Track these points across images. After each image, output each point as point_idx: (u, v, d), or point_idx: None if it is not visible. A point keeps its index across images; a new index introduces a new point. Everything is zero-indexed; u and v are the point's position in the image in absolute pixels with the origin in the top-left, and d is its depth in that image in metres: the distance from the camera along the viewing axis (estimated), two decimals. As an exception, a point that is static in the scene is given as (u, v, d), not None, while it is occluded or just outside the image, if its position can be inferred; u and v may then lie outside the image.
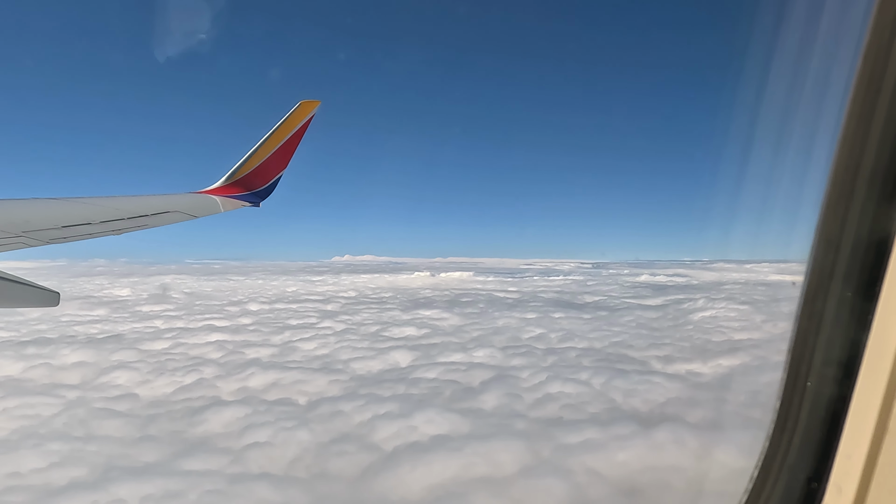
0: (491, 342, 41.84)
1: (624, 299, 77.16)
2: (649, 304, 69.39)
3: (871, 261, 1.37)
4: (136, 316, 58.45)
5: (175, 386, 29.49)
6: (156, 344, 41.31)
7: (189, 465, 17.73)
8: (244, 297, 79.41)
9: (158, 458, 18.72)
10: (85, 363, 34.50)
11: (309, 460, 18.12)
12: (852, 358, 1.41)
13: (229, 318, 56.87)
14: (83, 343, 41.69)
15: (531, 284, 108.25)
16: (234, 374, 31.47)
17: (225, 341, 42.30)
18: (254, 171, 9.60)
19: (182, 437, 21.12)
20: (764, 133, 2.18)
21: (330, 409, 24.03)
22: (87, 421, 22.96)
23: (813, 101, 1.66)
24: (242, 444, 19.62)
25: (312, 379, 30.46)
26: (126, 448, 19.77)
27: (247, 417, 22.56)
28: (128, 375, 31.29)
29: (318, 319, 55.80)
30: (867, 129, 1.35)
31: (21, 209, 6.11)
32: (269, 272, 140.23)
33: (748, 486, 1.75)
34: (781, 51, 1.92)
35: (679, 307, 65.31)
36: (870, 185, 1.36)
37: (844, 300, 1.44)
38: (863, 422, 1.35)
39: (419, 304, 70.89)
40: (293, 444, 19.54)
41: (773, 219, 2.09)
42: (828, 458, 1.49)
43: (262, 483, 15.77)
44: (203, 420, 22.96)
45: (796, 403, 1.59)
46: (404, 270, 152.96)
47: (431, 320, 55.22)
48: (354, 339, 44.11)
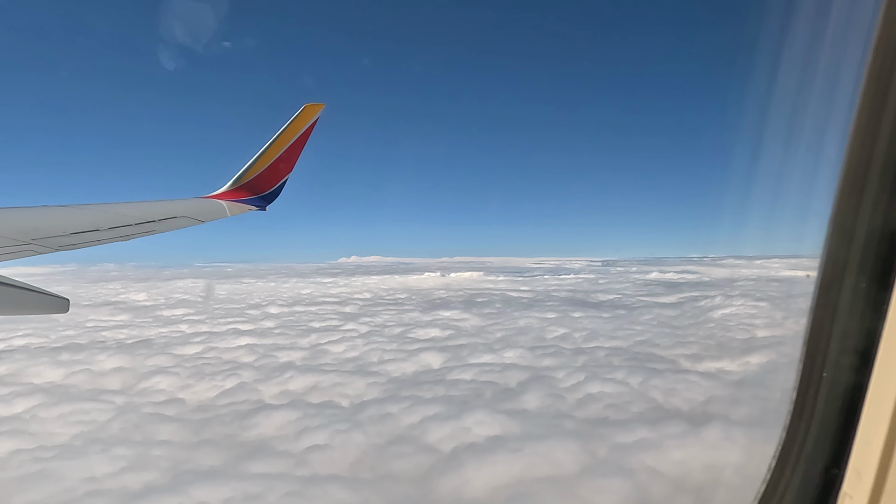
0: (517, 343, 42.30)
1: (639, 297, 77.54)
2: (665, 302, 69.77)
3: (885, 251, 1.40)
4: (159, 321, 59.00)
5: (217, 390, 30.03)
6: (187, 349, 41.87)
7: (255, 468, 18.26)
8: (261, 300, 79.97)
9: (222, 461, 19.24)
10: (123, 368, 35.07)
11: (371, 462, 18.64)
12: (868, 347, 1.43)
13: (252, 321, 57.35)
14: (114, 348, 42.30)
15: (543, 283, 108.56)
16: (272, 378, 32.01)
17: (254, 345, 42.82)
18: (259, 175, 9.70)
19: (239, 441, 21.66)
20: (772, 128, 2.20)
21: (376, 411, 24.53)
22: (141, 425, 23.52)
23: (823, 95, 1.68)
24: (302, 447, 20.13)
25: (350, 381, 30.97)
26: (188, 452, 20.29)
27: (298, 421, 23.08)
28: (169, 380, 31.85)
29: (341, 322, 56.30)
30: (878, 121, 1.36)
31: (30, 217, 6.21)
32: (281, 274, 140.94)
33: (766, 476, 1.79)
34: (790, 46, 1.94)
35: (696, 304, 65.69)
36: (882, 175, 1.38)
37: (859, 290, 1.46)
38: (880, 409, 1.37)
39: (436, 304, 71.31)
40: (351, 446, 20.05)
41: (783, 214, 2.09)
42: (846, 445, 1.51)
43: (335, 485, 16.27)
44: (254, 424, 23.49)
45: (812, 393, 1.62)
46: (413, 271, 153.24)
47: (452, 321, 55.64)
48: (381, 341, 44.60)
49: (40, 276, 9.00)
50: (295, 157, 9.75)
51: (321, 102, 9.74)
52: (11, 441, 20.87)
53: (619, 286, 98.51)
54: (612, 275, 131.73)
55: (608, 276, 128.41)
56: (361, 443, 20.43)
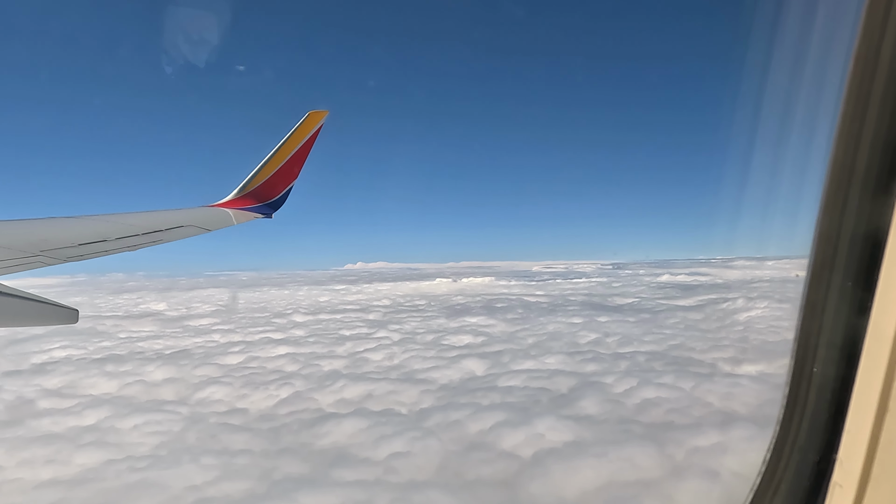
0: (552, 348, 42.90)
1: (657, 300, 77.98)
2: (685, 305, 70.22)
3: (868, 253, 1.46)
4: (189, 330, 59.60)
5: (274, 399, 30.68)
6: (229, 358, 42.52)
7: (345, 475, 18.93)
8: (282, 308, 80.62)
9: (309, 469, 19.91)
10: (174, 379, 35.72)
11: (455, 468, 19.29)
12: (854, 344, 1.50)
13: (282, 330, 58.00)
14: (158, 359, 42.99)
15: (556, 288, 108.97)
16: (324, 387, 32.66)
17: (294, 354, 43.45)
18: (265, 182, 9.68)
19: (316, 449, 22.32)
20: (775, 128, 2.23)
21: (441, 418, 25.18)
22: (215, 435, 24.18)
23: (813, 99, 1.74)
24: (383, 455, 20.79)
25: (402, 389, 31.62)
26: (271, 460, 20.95)
27: (370, 429, 23.74)
28: (223, 391, 32.49)
29: (369, 329, 56.89)
30: (860, 128, 1.41)
31: (38, 229, 6.26)
32: (293, 282, 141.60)
33: (761, 469, 1.86)
34: (785, 55, 2.00)
35: (717, 307, 66.35)
36: (864, 181, 1.44)
37: (845, 290, 1.53)
38: (866, 402, 1.43)
39: (458, 311, 71.86)
40: (431, 453, 20.71)
41: (799, 216, 2.03)
42: (836, 437, 1.58)
43: (433, 490, 16.93)
44: (325, 432, 24.15)
45: (804, 389, 1.69)
46: (423, 277, 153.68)
47: (480, 327, 56.19)
48: (417, 348, 45.19)
49: (51, 288, 9.30)
50: (300, 164, 9.75)
51: (325, 109, 9.76)
52: (100, 452, 21.55)
53: (633, 289, 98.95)
54: (622, 278, 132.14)
55: (619, 279, 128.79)
56: (439, 449, 21.08)
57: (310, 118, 9.57)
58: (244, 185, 9.70)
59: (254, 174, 9.70)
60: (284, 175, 9.69)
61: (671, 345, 42.95)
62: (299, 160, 9.68)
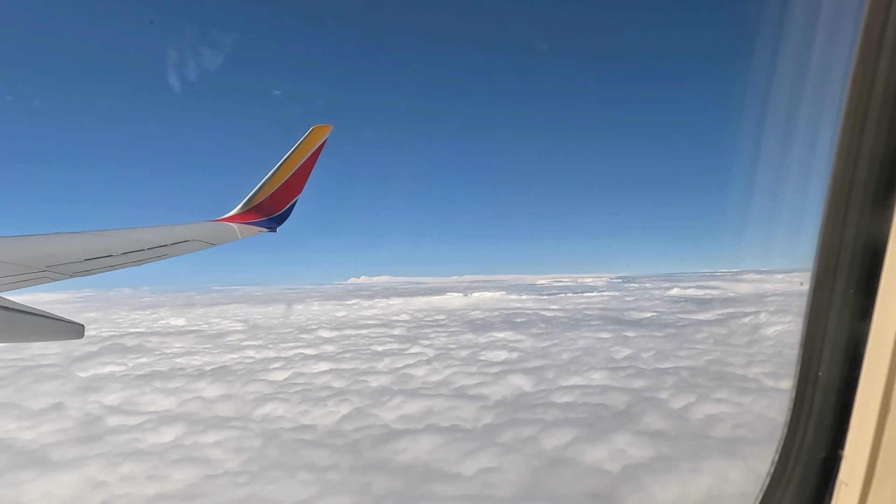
0: (591, 364, 43.55)
1: (676, 315, 78.63)
2: (705, 319, 70.84)
3: (869, 261, 1.51)
4: (221, 346, 60.08)
5: (335, 416, 31.27)
6: (274, 375, 43.04)
7: (445, 490, 19.58)
8: (304, 323, 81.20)
9: (403, 485, 20.54)
10: (228, 396, 36.30)
11: (549, 482, 19.97)
12: (857, 348, 1.55)
13: (313, 345, 58.49)
14: (201, 375, 43.54)
15: (569, 302, 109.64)
16: (381, 403, 33.23)
17: (337, 370, 44.02)
18: (269, 196, 9.71)
19: (400, 465, 22.94)
20: (778, 147, 2.26)
21: (512, 434, 25.81)
22: (297, 451, 24.79)
23: (814, 117, 1.80)
24: (472, 470, 21.44)
25: (459, 405, 32.21)
26: (362, 475, 21.58)
27: (448, 444, 24.37)
28: (283, 407, 33.06)
29: (400, 345, 57.41)
30: (859, 144, 1.47)
31: (45, 244, 6.31)
32: (303, 297, 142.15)
33: (770, 469, 1.90)
34: (787, 74, 2.07)
35: (739, 322, 67.18)
36: (864, 193, 1.49)
37: (847, 297, 1.58)
38: (870, 404, 1.47)
39: (480, 326, 72.48)
40: (519, 468, 21.38)
41: (802, 227, 2.04)
42: (841, 437, 1.62)
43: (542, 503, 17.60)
44: (403, 448, 24.78)
45: (810, 391, 1.74)
46: (432, 292, 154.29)
47: (510, 343, 56.82)
48: (456, 364, 45.74)
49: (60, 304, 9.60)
50: (304, 178, 9.78)
51: (329, 124, 9.76)
52: (194, 468, 22.15)
53: (648, 303, 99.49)
54: (633, 292, 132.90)
55: (630, 293, 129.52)
56: (525, 464, 21.74)
57: (314, 132, 9.66)
58: (248, 199, 9.77)
59: (258, 188, 9.77)
60: (289, 189, 9.76)
61: (707, 360, 43.62)
62: (304, 174, 9.76)
